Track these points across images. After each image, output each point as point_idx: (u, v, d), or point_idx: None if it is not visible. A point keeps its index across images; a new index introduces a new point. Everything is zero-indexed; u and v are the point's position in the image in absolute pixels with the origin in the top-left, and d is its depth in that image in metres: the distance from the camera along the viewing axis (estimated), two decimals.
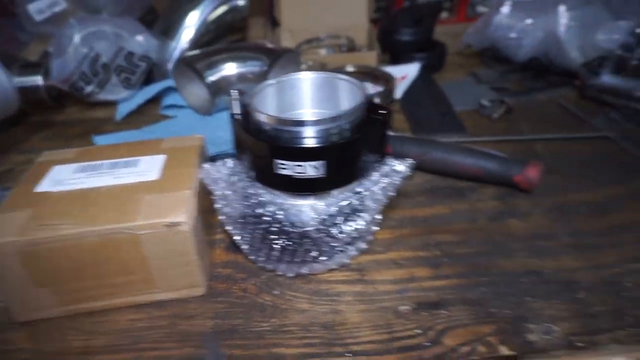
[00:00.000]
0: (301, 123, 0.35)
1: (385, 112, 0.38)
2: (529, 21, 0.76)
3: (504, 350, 0.34)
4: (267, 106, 0.42)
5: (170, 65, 0.84)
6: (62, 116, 0.78)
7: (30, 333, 0.39)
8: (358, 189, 0.39)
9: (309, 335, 0.36)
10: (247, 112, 0.38)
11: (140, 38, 0.75)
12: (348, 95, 0.42)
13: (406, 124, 0.68)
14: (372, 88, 0.81)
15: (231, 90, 0.38)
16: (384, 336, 0.36)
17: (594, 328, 0.35)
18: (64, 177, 0.42)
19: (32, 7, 0.87)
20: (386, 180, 0.39)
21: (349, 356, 0.34)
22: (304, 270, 0.41)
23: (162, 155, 0.44)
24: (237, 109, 0.39)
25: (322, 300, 0.39)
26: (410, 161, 0.41)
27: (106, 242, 0.36)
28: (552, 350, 0.34)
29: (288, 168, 0.36)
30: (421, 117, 0.69)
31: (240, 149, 0.40)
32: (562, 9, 0.70)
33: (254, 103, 0.38)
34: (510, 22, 0.78)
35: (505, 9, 0.78)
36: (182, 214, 0.36)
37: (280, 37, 1.02)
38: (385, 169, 0.40)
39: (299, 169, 0.35)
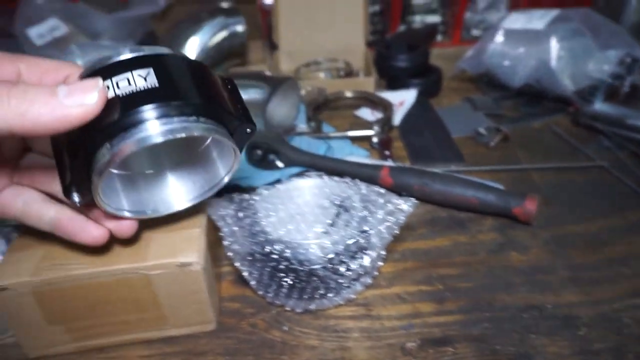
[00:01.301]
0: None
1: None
2: (521, 50, 0.78)
3: None
4: None
5: None
6: None
7: None
8: (365, 228, 0.40)
9: None
10: None
11: None
12: None
13: (404, 152, 0.70)
14: (370, 114, 0.82)
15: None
16: None
17: None
18: None
19: (32, 32, 0.88)
20: (391, 219, 0.40)
21: None
22: (312, 306, 0.42)
23: None
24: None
25: (331, 337, 0.40)
26: (413, 200, 0.42)
27: (118, 281, 0.37)
28: None
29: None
30: (419, 145, 0.71)
31: None
32: (553, 40, 0.72)
33: None
34: (504, 50, 0.80)
35: (499, 38, 0.80)
36: (193, 253, 0.37)
37: (279, 60, 1.03)
38: (390, 207, 0.41)
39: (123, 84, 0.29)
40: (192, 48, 0.87)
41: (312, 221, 0.43)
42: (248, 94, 0.71)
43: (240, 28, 0.90)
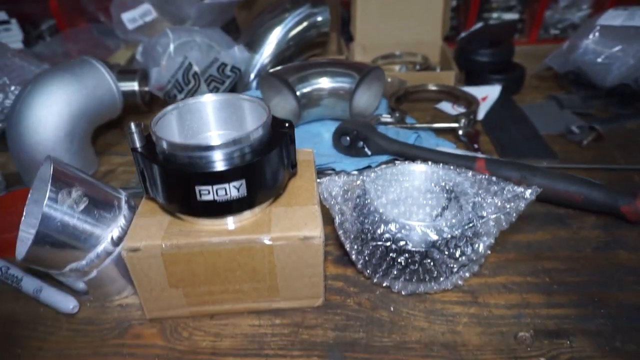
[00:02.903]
0: (217, 147, 0.35)
1: (288, 124, 0.40)
2: (618, 48, 0.75)
3: None
4: (172, 133, 0.41)
5: (252, 77, 0.87)
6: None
7: (160, 330, 0.41)
8: (482, 213, 0.40)
9: (432, 354, 0.37)
10: (152, 144, 0.38)
11: (235, 50, 0.78)
12: (252, 114, 0.42)
13: (491, 146, 0.69)
14: (452, 108, 0.81)
15: (130, 124, 0.37)
16: None
17: None
18: None
19: (125, 16, 0.92)
20: (512, 205, 0.40)
21: None
22: (421, 289, 0.42)
23: None
24: (137, 143, 0.38)
25: (439, 320, 0.40)
26: (535, 187, 0.41)
27: (242, 250, 0.38)
28: None
29: (210, 193, 0.36)
30: (507, 141, 0.69)
31: (148, 184, 0.39)
32: None
33: (159, 132, 0.37)
34: (597, 48, 0.78)
35: (594, 35, 0.77)
36: (316, 228, 0.38)
37: (354, 52, 1.04)
38: (508, 194, 0.41)
39: (221, 192, 0.36)
40: (274, 38, 0.88)
41: (424, 204, 0.43)
42: (336, 82, 0.72)
43: (323, 18, 0.90)
